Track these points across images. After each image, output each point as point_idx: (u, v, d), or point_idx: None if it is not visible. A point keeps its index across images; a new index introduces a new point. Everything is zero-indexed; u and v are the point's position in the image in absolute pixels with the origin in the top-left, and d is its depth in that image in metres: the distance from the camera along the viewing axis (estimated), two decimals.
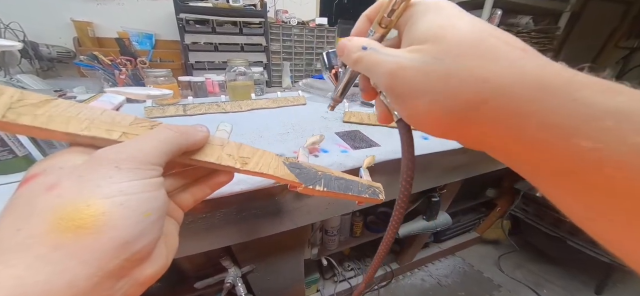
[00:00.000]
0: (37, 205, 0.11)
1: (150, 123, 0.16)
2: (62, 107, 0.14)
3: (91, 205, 0.11)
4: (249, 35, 1.56)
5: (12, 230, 0.11)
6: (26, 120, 0.13)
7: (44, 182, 0.12)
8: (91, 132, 0.13)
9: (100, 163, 0.12)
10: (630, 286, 0.97)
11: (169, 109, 0.63)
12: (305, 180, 0.22)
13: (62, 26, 1.22)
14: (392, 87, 0.13)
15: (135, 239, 0.12)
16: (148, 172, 0.13)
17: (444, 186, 0.75)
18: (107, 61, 0.72)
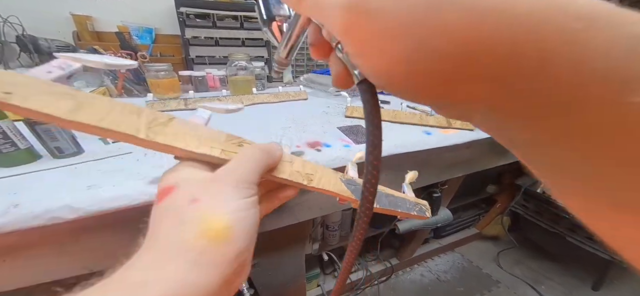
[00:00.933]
0: (186, 215, 0.13)
1: (237, 140, 0.19)
2: (178, 124, 0.17)
3: (224, 219, 0.13)
4: (250, 29, 1.54)
5: (174, 232, 0.13)
6: (160, 139, 0.16)
7: (186, 196, 0.14)
8: (200, 149, 0.17)
9: (225, 183, 0.15)
10: (627, 283, 0.98)
11: (170, 103, 0.63)
12: (359, 195, 0.24)
13: (61, 20, 1.21)
14: (351, 27, 0.09)
15: (246, 248, 0.14)
16: (251, 190, 0.15)
17: (446, 182, 0.75)
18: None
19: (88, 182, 0.31)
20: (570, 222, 0.89)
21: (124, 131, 0.15)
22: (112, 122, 0.15)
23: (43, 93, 0.14)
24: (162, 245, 0.13)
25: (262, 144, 0.19)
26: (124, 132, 0.15)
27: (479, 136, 0.53)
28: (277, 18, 0.18)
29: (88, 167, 0.35)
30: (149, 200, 0.30)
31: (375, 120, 0.13)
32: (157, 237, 0.13)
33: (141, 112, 0.16)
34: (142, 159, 0.37)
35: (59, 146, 0.37)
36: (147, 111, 0.16)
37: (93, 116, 0.15)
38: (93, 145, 0.41)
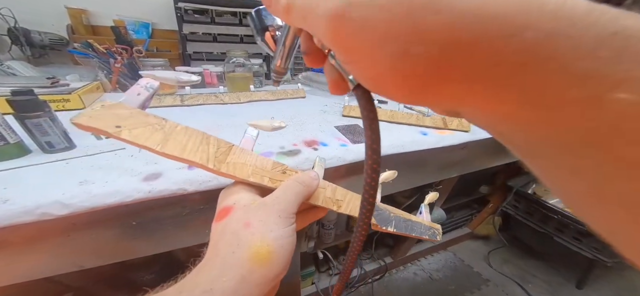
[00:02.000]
0: (241, 237, 0.16)
1: (281, 167, 0.22)
2: (237, 153, 0.21)
3: (269, 245, 0.16)
4: (248, 26, 1.53)
5: (229, 251, 0.16)
6: (224, 169, 0.19)
7: (241, 219, 0.17)
8: (252, 178, 0.20)
9: (271, 212, 0.18)
10: (609, 281, 1.01)
11: (165, 99, 0.63)
12: (381, 221, 0.26)
13: (55, 13, 1.18)
14: (338, 36, 0.09)
15: (282, 271, 0.17)
16: (291, 219, 0.18)
17: (440, 182, 0.76)
18: (102, 49, 0.71)
19: (80, 177, 0.31)
20: (558, 222, 0.91)
21: (198, 161, 0.19)
22: (189, 153, 0.18)
23: (142, 124, 0.18)
24: (222, 260, 0.16)
25: (302, 176, 0.21)
26: (198, 162, 0.19)
27: (474, 137, 0.54)
28: (270, 28, 0.19)
29: (80, 162, 0.35)
30: (143, 197, 0.30)
31: (373, 124, 0.13)
32: (218, 253, 0.16)
33: (209, 140, 0.20)
34: (137, 155, 0.37)
35: (50, 141, 0.36)
36: (213, 139, 0.20)
37: (176, 148, 0.18)
38: (85, 140, 0.41)
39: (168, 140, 0.18)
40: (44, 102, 0.36)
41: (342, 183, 0.43)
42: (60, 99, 0.55)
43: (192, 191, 0.32)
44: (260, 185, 0.20)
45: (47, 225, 0.27)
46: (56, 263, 0.30)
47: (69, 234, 0.29)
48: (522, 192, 1.00)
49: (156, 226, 0.33)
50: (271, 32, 0.19)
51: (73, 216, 0.27)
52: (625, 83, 0.06)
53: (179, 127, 0.19)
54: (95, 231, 0.30)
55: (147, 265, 0.57)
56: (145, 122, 0.18)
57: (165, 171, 0.33)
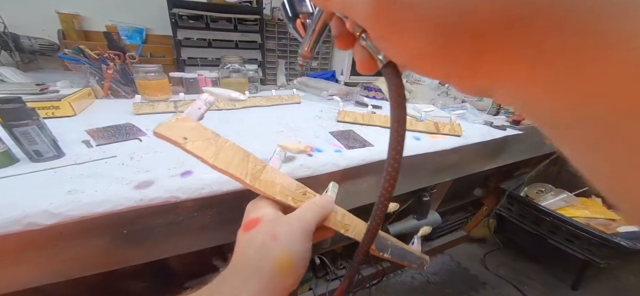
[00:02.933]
0: (268, 249, 0.18)
1: (303, 189, 0.25)
2: (268, 172, 0.24)
3: (291, 257, 0.18)
4: (244, 32, 1.54)
5: (257, 259, 0.18)
6: (257, 185, 0.22)
7: (268, 232, 0.19)
8: (279, 197, 0.23)
9: (295, 228, 0.20)
10: (603, 282, 1.02)
11: (159, 105, 0.62)
12: (379, 247, 0.29)
13: (46, 18, 1.17)
14: (379, 15, 0.10)
15: (297, 281, 0.19)
16: (309, 237, 0.20)
17: (434, 186, 0.77)
18: (94, 55, 0.70)
19: (68, 186, 0.30)
20: (551, 224, 0.92)
21: (239, 176, 0.21)
22: (234, 167, 0.21)
23: (201, 138, 0.21)
24: (250, 267, 0.18)
25: (320, 199, 0.25)
26: (239, 177, 0.21)
27: (466, 142, 0.55)
28: (301, 15, 0.20)
29: (69, 171, 0.34)
30: (134, 205, 0.29)
31: (400, 99, 0.14)
32: (246, 260, 0.18)
33: (249, 158, 0.23)
34: (128, 163, 0.36)
35: (38, 149, 0.35)
36: (252, 157, 0.23)
37: (224, 161, 0.21)
38: (75, 148, 0.40)
39: (219, 154, 0.21)
40: (33, 109, 0.35)
41: (359, 184, 0.43)
42: (50, 106, 0.53)
43: (185, 199, 0.31)
44: (284, 203, 0.23)
45: (33, 235, 0.26)
46: (43, 273, 0.30)
47: (56, 244, 0.28)
48: (515, 195, 1.02)
49: (148, 235, 0.32)
50: (302, 19, 0.20)
51: (60, 225, 0.27)
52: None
53: (228, 143, 0.23)
54: (84, 240, 0.30)
55: (140, 274, 0.55)
56: (204, 136, 0.21)
57: (157, 179, 0.32)
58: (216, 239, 0.38)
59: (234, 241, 0.41)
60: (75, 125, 0.49)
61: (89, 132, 0.45)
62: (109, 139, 0.44)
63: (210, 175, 0.34)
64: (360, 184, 0.45)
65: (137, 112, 0.59)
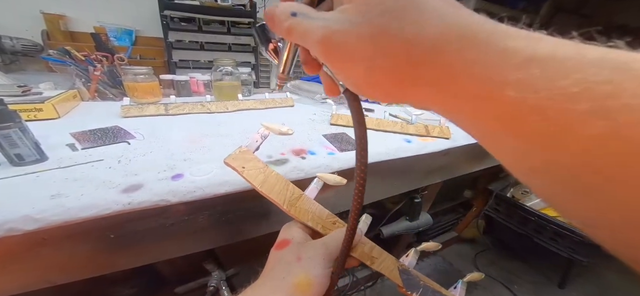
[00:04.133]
0: (292, 268, 0.21)
1: (334, 218, 0.28)
2: (304, 201, 0.27)
3: (310, 279, 0.20)
4: (237, 35, 1.53)
5: (281, 276, 0.21)
6: (293, 212, 0.26)
7: (294, 253, 0.22)
8: (311, 223, 0.26)
9: (318, 253, 0.22)
10: (588, 279, 1.07)
11: (148, 108, 0.61)
12: (408, 286, 0.29)
13: (29, 18, 1.13)
14: (327, 54, 0.12)
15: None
16: (330, 263, 0.22)
17: (425, 187, 0.79)
18: (80, 56, 0.68)
19: (52, 190, 0.29)
20: (536, 223, 0.96)
21: (279, 202, 0.25)
22: (275, 194, 0.26)
23: (255, 168, 0.26)
24: (275, 282, 0.20)
25: (345, 229, 0.26)
26: (279, 202, 0.25)
27: (455, 144, 0.57)
28: (273, 40, 0.22)
29: (52, 175, 0.33)
30: (122, 210, 0.28)
31: (360, 118, 0.17)
32: (273, 275, 0.21)
33: (288, 187, 0.27)
34: (116, 166, 0.35)
35: (20, 153, 0.34)
36: (291, 186, 0.27)
37: (268, 188, 0.25)
38: (59, 151, 0.39)
39: (265, 182, 0.26)
40: (14, 112, 0.34)
41: (330, 191, 0.43)
42: (32, 108, 0.51)
43: (176, 202, 0.31)
44: (314, 229, 0.26)
45: (15, 241, 0.25)
46: (26, 281, 0.28)
47: (39, 250, 0.27)
48: (502, 196, 1.05)
49: (137, 239, 0.32)
50: (273, 44, 0.21)
51: (43, 231, 0.26)
52: (509, 85, 0.09)
53: (273, 173, 0.27)
54: (70, 246, 0.29)
55: (129, 279, 0.53)
56: (257, 166, 0.27)
57: (146, 182, 0.31)
58: (208, 243, 0.37)
59: (227, 244, 0.41)
60: (60, 128, 0.47)
61: (74, 135, 0.44)
62: (96, 142, 0.42)
63: (202, 177, 0.33)
64: (353, 186, 0.45)
65: (126, 114, 0.58)
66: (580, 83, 0.08)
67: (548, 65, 0.08)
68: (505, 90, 0.09)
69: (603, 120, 0.07)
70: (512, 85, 0.09)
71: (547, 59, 0.08)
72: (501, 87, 0.09)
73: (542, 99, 0.08)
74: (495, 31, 0.10)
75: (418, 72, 0.11)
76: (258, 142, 0.28)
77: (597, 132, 0.07)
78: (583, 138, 0.08)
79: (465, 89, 0.10)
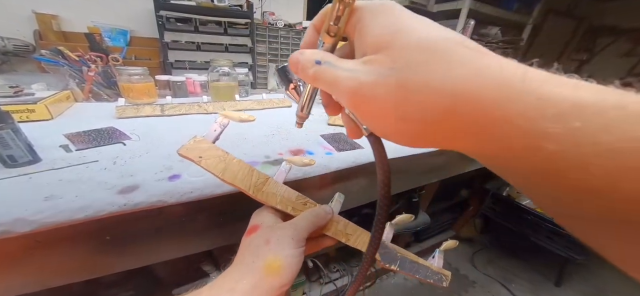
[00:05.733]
0: (260, 251, 0.21)
1: (304, 199, 0.27)
2: (271, 184, 0.27)
3: (280, 260, 0.20)
4: (234, 35, 1.53)
5: (251, 261, 0.21)
6: (259, 196, 0.25)
7: (263, 236, 0.22)
8: (279, 206, 0.26)
9: (286, 234, 0.22)
10: (583, 277, 1.08)
11: (144, 109, 0.60)
12: (385, 259, 0.29)
13: (21, 18, 1.11)
14: (356, 105, 0.13)
15: (288, 283, 0.20)
16: (301, 243, 0.22)
17: (423, 187, 0.79)
18: (74, 57, 0.67)
19: (45, 192, 0.28)
20: (532, 222, 0.97)
21: (243, 188, 0.25)
22: (239, 181, 0.25)
23: (214, 157, 0.25)
24: (244, 267, 0.20)
25: (317, 210, 0.26)
26: (243, 188, 0.25)
27: None
28: (293, 81, 0.24)
29: (46, 176, 0.32)
30: (117, 211, 0.28)
31: (384, 162, 0.17)
32: (242, 261, 0.21)
33: (252, 172, 0.26)
34: (111, 167, 0.35)
35: (12, 154, 0.33)
36: (255, 172, 0.26)
37: (230, 176, 0.25)
38: (53, 153, 0.38)
39: (226, 169, 0.25)
40: (6, 113, 0.33)
41: (328, 191, 0.43)
42: (25, 109, 0.51)
43: (173, 203, 0.30)
44: (285, 212, 0.26)
45: (8, 243, 0.24)
46: (20, 283, 0.28)
47: (33, 252, 0.27)
48: (498, 195, 1.06)
49: (133, 241, 0.31)
50: (294, 85, 0.23)
51: (37, 233, 0.25)
52: (549, 137, 0.08)
53: (234, 160, 0.26)
54: (65, 248, 0.28)
55: (126, 281, 0.52)
56: (216, 154, 0.25)
57: (142, 183, 0.31)
58: (206, 244, 0.37)
59: (224, 245, 0.41)
60: (53, 129, 0.46)
61: (68, 136, 0.43)
62: (90, 143, 0.42)
63: (200, 178, 0.33)
64: (351, 186, 0.46)
65: (121, 115, 0.57)
66: (625, 139, 0.07)
67: (589, 117, 0.08)
68: (545, 143, 0.08)
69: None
70: (552, 138, 0.08)
71: (588, 110, 0.08)
72: (540, 140, 0.09)
73: (586, 155, 0.08)
74: (529, 78, 0.09)
75: (450, 121, 0.10)
76: (217, 131, 0.27)
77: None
78: (632, 191, 0.07)
79: (501, 140, 0.10)
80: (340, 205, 0.30)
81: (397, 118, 0.12)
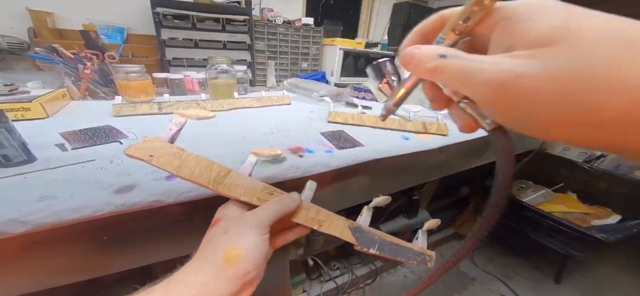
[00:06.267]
0: (220, 242, 0.20)
1: (271, 189, 0.27)
2: (233, 176, 0.26)
3: (239, 249, 0.20)
4: (232, 32, 1.51)
5: (210, 252, 0.20)
6: (220, 189, 0.25)
7: (223, 227, 0.21)
8: (243, 198, 0.25)
9: (245, 223, 0.22)
10: (582, 274, 1.09)
11: (141, 107, 0.59)
12: (362, 243, 0.28)
13: (15, 15, 1.09)
14: (498, 99, 0.12)
15: (252, 270, 0.20)
16: (263, 230, 0.22)
17: (423, 185, 0.79)
18: (69, 54, 0.66)
19: (40, 192, 0.28)
20: (532, 219, 0.97)
21: (202, 182, 0.24)
22: (197, 176, 0.24)
23: (167, 154, 0.24)
24: (203, 259, 0.20)
25: (283, 197, 0.26)
26: (202, 183, 0.24)
27: (452, 141, 0.57)
28: (387, 76, 0.24)
29: (40, 176, 0.31)
30: (114, 211, 0.27)
31: (512, 154, 0.15)
32: (202, 253, 0.21)
33: (212, 167, 0.25)
34: (107, 166, 0.34)
35: (6, 154, 0.32)
36: (216, 165, 0.26)
37: (187, 172, 0.24)
38: (48, 152, 0.37)
39: (182, 166, 0.24)
40: (1, 111, 0.33)
41: (328, 190, 0.43)
42: (20, 108, 0.50)
43: (170, 202, 0.30)
44: (250, 203, 0.25)
45: (3, 244, 0.24)
46: (18, 283, 0.27)
47: (30, 253, 0.26)
48: None
49: (131, 241, 0.31)
50: (387, 79, 0.23)
51: (32, 233, 0.25)
52: None
53: (191, 156, 0.25)
54: (62, 248, 0.28)
55: (124, 281, 0.52)
56: (170, 152, 0.24)
57: (139, 182, 0.30)
58: None
59: None
60: (49, 128, 0.46)
61: (64, 135, 0.42)
62: (86, 142, 0.41)
63: None
64: (351, 184, 0.45)
65: (118, 113, 0.56)
66: None
67: None
68: None
69: None
70: None
71: None
72: None
73: None
74: None
75: (632, 119, 0.10)
76: (172, 130, 0.26)
77: None
78: None
79: None
80: (313, 193, 0.29)
81: (562, 113, 0.11)
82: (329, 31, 1.89)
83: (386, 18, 2.04)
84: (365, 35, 2.26)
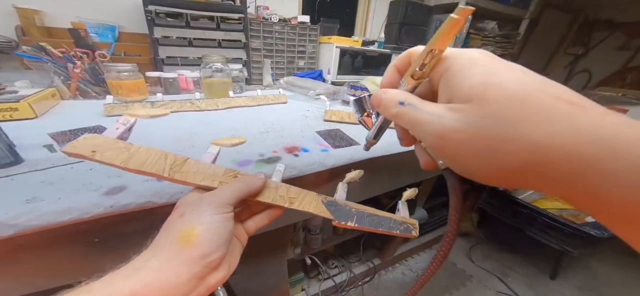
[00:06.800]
0: (175, 225, 0.19)
1: (233, 173, 0.25)
2: (191, 164, 0.24)
3: (195, 228, 0.18)
4: (227, 30, 1.49)
5: (164, 236, 0.19)
6: (177, 176, 0.23)
7: (179, 212, 0.20)
8: (205, 182, 0.23)
9: (202, 203, 0.20)
10: (577, 270, 1.11)
11: (133, 106, 0.58)
12: (339, 216, 0.27)
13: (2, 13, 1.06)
14: (441, 148, 0.14)
15: (212, 252, 0.18)
16: (223, 210, 0.20)
17: (420, 182, 0.79)
18: (58, 53, 0.64)
19: (27, 194, 0.27)
20: (527, 216, 0.98)
21: (156, 172, 0.23)
22: (148, 166, 0.22)
23: (112, 149, 0.23)
24: (157, 245, 0.19)
25: (246, 176, 0.25)
26: (156, 173, 0.23)
27: None
28: (367, 112, 0.25)
29: (28, 178, 0.30)
30: (104, 213, 0.27)
31: (458, 192, 0.18)
32: (156, 240, 0.19)
33: (167, 156, 0.24)
34: (97, 168, 0.33)
35: None
36: (171, 155, 0.24)
37: (136, 163, 0.22)
38: (36, 153, 0.36)
39: (131, 158, 0.22)
40: None
41: (324, 189, 0.42)
42: (7, 108, 0.48)
43: (162, 204, 0.29)
44: (212, 187, 0.23)
45: None
46: (7, 286, 0.27)
47: (18, 256, 0.26)
48: (495, 189, 1.07)
49: (124, 242, 0.30)
50: (367, 113, 0.25)
51: (19, 237, 0.24)
52: None
53: (142, 149, 0.24)
54: (51, 251, 0.27)
55: None
56: (115, 147, 0.23)
57: (130, 184, 0.30)
58: None
59: None
60: (37, 129, 0.44)
61: (53, 136, 0.41)
62: None
63: None
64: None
65: (109, 113, 0.55)
66: None
67: None
68: None
69: None
70: None
71: None
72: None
73: None
74: (630, 136, 0.09)
75: (544, 174, 0.11)
76: (119, 129, 0.24)
77: None
78: None
79: (608, 203, 0.10)
80: (281, 174, 0.29)
81: (485, 165, 0.12)
82: (325, 29, 1.88)
83: (383, 16, 2.04)
84: (362, 33, 2.25)
